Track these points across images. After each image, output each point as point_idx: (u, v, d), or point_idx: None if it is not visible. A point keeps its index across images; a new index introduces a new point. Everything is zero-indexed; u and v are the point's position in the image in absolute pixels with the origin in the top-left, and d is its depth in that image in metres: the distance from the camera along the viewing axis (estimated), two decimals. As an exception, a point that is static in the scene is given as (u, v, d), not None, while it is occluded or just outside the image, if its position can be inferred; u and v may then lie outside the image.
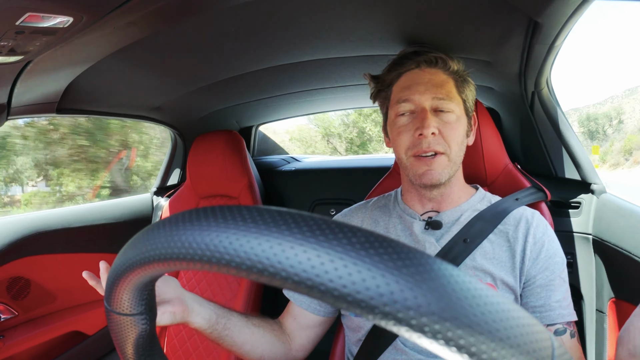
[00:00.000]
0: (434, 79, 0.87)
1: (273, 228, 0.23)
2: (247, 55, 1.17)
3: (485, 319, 0.21)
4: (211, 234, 0.24)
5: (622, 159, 42.32)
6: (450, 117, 0.86)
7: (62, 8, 0.63)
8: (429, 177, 0.84)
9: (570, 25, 0.81)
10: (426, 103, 0.85)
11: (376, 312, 0.21)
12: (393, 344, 0.82)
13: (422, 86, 0.86)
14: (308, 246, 0.22)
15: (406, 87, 0.88)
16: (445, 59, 0.89)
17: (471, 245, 0.83)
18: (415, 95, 0.86)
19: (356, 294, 0.21)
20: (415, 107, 0.86)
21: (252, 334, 0.84)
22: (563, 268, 0.83)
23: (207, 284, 1.50)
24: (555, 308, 0.79)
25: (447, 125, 0.85)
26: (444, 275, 0.22)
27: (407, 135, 0.86)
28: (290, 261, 0.22)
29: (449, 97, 0.86)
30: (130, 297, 0.33)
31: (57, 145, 5.41)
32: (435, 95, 0.85)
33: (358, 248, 0.22)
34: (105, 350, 1.59)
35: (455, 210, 0.89)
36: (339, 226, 0.24)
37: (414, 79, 0.88)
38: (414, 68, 0.89)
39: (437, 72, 0.88)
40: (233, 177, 1.55)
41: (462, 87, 0.90)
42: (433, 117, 0.84)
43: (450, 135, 0.84)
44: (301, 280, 0.22)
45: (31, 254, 1.36)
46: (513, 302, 0.24)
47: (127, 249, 0.30)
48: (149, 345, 0.39)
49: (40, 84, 1.00)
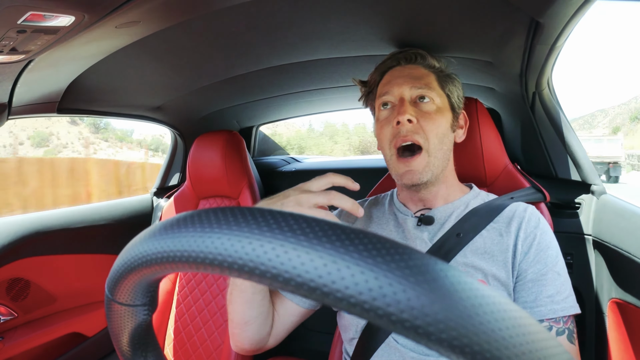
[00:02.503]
0: (413, 72, 0.90)
1: (312, 238, 0.23)
2: (248, 55, 1.17)
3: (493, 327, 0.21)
4: (253, 242, 0.24)
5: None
6: (429, 106, 0.87)
7: (64, 7, 0.62)
8: (409, 177, 0.85)
9: (572, 26, 0.81)
10: (405, 93, 0.87)
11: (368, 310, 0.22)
12: (386, 342, 0.81)
13: (401, 79, 0.89)
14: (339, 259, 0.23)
15: (387, 83, 0.91)
16: (424, 55, 0.92)
17: (464, 239, 0.82)
18: (394, 88, 0.88)
19: (345, 289, 0.22)
20: (394, 99, 0.88)
21: (260, 306, 0.81)
22: (557, 261, 0.81)
23: (206, 285, 1.50)
24: (546, 303, 0.77)
25: (425, 115, 0.85)
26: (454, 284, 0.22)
27: (388, 127, 0.87)
28: (329, 274, 0.22)
29: (428, 87, 0.87)
30: (138, 289, 0.33)
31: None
32: (413, 85, 0.87)
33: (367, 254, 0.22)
34: (105, 351, 1.58)
35: (448, 207, 0.90)
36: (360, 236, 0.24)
37: (394, 75, 0.91)
38: (395, 65, 0.93)
39: (416, 67, 0.91)
40: (233, 177, 1.55)
41: (444, 82, 0.91)
42: (411, 107, 0.85)
43: (429, 125, 0.85)
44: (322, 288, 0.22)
45: (31, 255, 1.36)
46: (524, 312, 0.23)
47: (145, 241, 0.29)
48: (145, 335, 0.39)
49: (41, 83, 0.99)
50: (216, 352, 1.41)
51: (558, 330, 0.77)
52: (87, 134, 47.86)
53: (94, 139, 47.57)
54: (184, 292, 1.52)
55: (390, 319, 0.21)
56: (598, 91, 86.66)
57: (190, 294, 1.51)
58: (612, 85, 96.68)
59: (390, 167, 0.89)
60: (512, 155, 1.43)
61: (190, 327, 1.47)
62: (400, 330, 0.21)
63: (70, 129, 47.76)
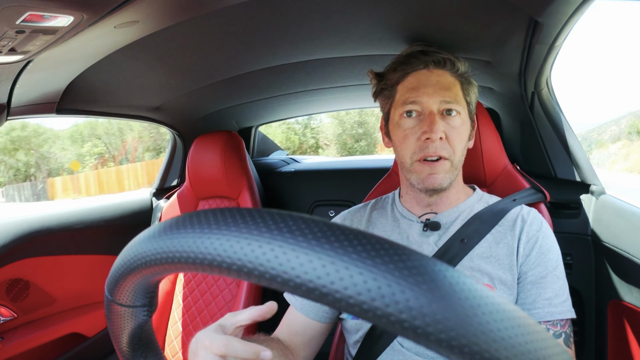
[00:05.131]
0: (442, 80, 0.84)
1: (312, 240, 0.23)
2: (247, 55, 1.17)
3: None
4: (252, 242, 0.24)
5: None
6: (457, 121, 0.84)
7: (63, 7, 0.62)
8: (431, 181, 0.83)
9: (570, 25, 0.81)
10: (434, 106, 0.82)
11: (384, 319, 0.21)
12: (391, 345, 0.81)
13: (430, 88, 0.83)
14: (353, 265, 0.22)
15: (413, 88, 0.85)
16: (453, 61, 0.86)
17: (468, 245, 0.82)
18: (423, 97, 0.83)
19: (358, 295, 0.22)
20: (422, 110, 0.83)
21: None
22: (557, 265, 0.81)
23: (206, 286, 1.49)
24: (543, 306, 0.78)
25: (453, 129, 0.83)
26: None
27: (412, 138, 0.84)
28: (340, 279, 0.22)
29: (456, 101, 0.83)
30: (137, 290, 0.33)
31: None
32: (444, 99, 0.82)
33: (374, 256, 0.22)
34: (105, 352, 1.58)
35: (453, 210, 0.89)
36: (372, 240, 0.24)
37: (421, 80, 0.85)
38: (422, 68, 0.86)
39: (444, 73, 0.86)
40: (232, 178, 1.55)
41: (467, 90, 0.88)
42: (441, 121, 0.82)
43: (456, 140, 0.83)
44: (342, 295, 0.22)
45: (30, 255, 1.36)
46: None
47: (143, 242, 0.29)
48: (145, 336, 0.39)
49: (40, 83, 0.99)
50: (216, 352, 1.40)
51: (555, 333, 0.77)
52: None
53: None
54: (184, 292, 1.52)
55: (390, 319, 0.21)
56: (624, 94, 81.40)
57: (190, 295, 1.51)
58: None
59: (410, 172, 0.86)
60: (511, 155, 1.43)
61: (190, 328, 1.47)
62: (400, 331, 0.21)
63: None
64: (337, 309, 0.23)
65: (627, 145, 20.34)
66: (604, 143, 23.42)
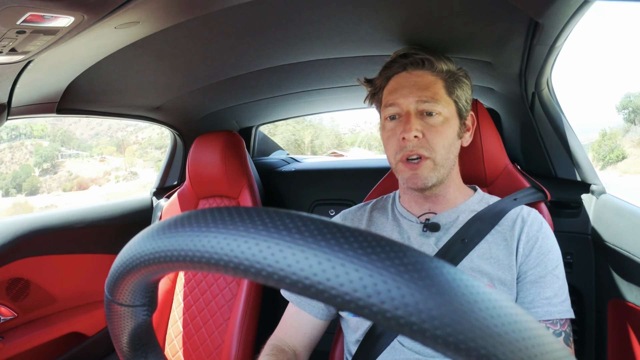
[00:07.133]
0: (420, 81, 0.87)
1: (319, 239, 0.23)
2: (247, 56, 1.17)
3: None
4: (249, 240, 0.24)
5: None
6: (436, 119, 0.85)
7: (64, 8, 0.62)
8: (415, 180, 0.85)
9: (571, 26, 0.81)
10: (410, 106, 0.85)
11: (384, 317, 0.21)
12: (391, 344, 0.81)
13: (407, 89, 0.86)
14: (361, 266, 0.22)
15: (393, 91, 0.88)
16: (432, 60, 0.88)
17: (469, 245, 0.83)
18: (400, 99, 0.86)
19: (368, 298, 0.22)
20: (400, 111, 0.86)
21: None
22: (557, 265, 0.82)
23: (206, 285, 1.50)
24: (543, 305, 0.78)
25: (432, 128, 0.84)
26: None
27: (394, 139, 0.87)
28: (344, 280, 0.22)
29: (435, 99, 0.85)
30: (137, 289, 0.33)
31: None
32: (420, 98, 0.85)
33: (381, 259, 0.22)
34: (105, 351, 1.59)
35: (452, 211, 0.90)
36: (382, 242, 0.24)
37: (400, 82, 0.88)
38: (401, 71, 0.90)
39: (423, 74, 0.88)
40: (233, 177, 1.55)
41: (452, 88, 0.88)
42: (417, 121, 0.84)
43: (435, 139, 0.84)
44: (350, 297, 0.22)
45: (31, 255, 1.36)
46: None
47: (142, 240, 0.29)
48: (145, 336, 0.39)
49: (41, 83, 0.99)
50: (216, 351, 1.41)
51: (555, 332, 0.78)
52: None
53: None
54: (184, 291, 1.52)
55: (385, 315, 0.21)
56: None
57: (190, 294, 1.51)
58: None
59: (397, 172, 0.89)
60: (511, 155, 1.43)
61: (190, 327, 1.47)
62: (396, 327, 0.21)
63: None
64: (334, 306, 0.23)
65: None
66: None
